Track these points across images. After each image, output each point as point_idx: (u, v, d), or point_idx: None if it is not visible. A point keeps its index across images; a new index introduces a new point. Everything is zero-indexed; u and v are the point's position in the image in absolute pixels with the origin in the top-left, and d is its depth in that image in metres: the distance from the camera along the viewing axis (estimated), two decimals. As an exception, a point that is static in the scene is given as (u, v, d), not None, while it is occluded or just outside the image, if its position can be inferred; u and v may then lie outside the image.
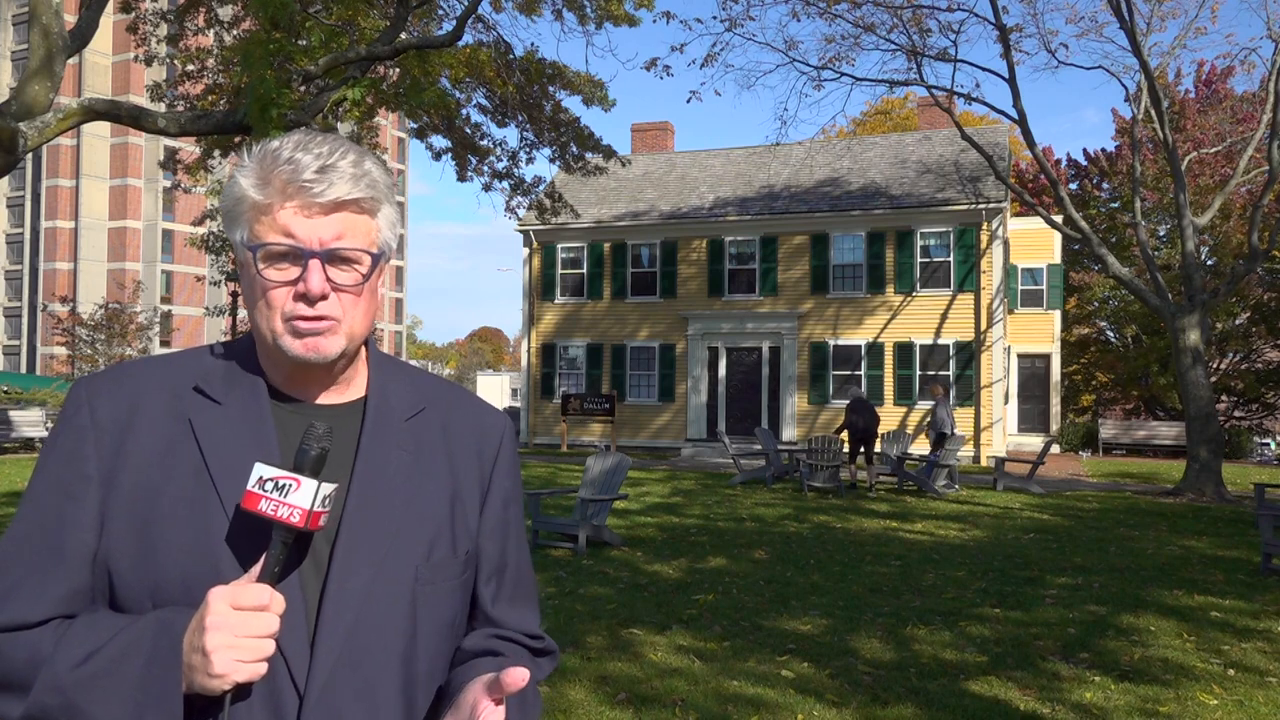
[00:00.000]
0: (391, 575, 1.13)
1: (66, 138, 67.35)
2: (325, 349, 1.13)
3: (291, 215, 1.11)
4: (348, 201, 1.12)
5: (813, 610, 7.20)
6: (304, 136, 1.14)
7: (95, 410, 1.15)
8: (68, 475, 1.12)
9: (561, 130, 17.12)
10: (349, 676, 1.10)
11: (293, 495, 1.05)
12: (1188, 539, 11.28)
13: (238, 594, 1.02)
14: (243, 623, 1.01)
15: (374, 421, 1.20)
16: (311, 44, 10.01)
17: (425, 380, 1.31)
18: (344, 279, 1.13)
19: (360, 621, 1.11)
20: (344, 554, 1.12)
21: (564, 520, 9.98)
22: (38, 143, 8.70)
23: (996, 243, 22.87)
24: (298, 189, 1.10)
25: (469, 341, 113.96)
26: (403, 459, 1.20)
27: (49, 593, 1.09)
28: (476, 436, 1.29)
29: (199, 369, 1.20)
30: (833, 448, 15.62)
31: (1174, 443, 25.43)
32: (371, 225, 1.16)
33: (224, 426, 1.15)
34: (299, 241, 1.11)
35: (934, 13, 18.85)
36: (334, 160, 1.12)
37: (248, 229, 1.13)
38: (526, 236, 26.71)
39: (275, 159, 1.12)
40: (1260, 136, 18.21)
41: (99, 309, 41.41)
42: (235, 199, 1.14)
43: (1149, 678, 5.62)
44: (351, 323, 1.15)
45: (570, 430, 25.56)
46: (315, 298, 1.11)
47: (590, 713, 4.80)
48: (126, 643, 1.04)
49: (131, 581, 1.10)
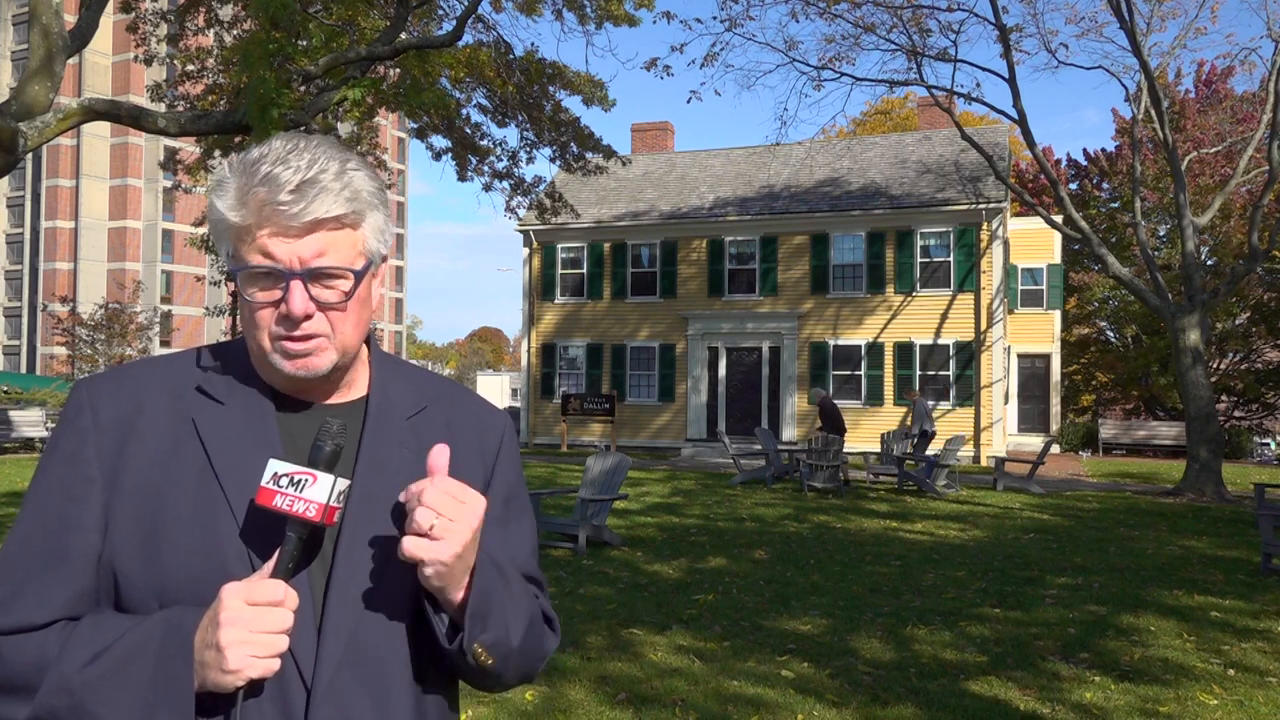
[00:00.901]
0: (396, 571, 1.14)
1: (66, 138, 67.35)
2: (315, 366, 1.14)
3: (270, 236, 1.10)
4: (326, 220, 1.10)
5: (813, 610, 7.20)
6: (284, 145, 1.12)
7: (97, 412, 1.15)
8: (70, 477, 1.12)
9: (561, 130, 17.12)
10: (356, 671, 1.11)
11: (309, 490, 1.06)
12: (1188, 539, 11.29)
13: (252, 589, 1.03)
14: (257, 618, 1.01)
15: (376, 420, 1.21)
16: (311, 44, 10.01)
17: (426, 379, 1.31)
18: (328, 296, 1.12)
19: (366, 617, 1.12)
20: (348, 550, 1.13)
21: (564, 520, 9.98)
22: (38, 143, 8.70)
23: (996, 243, 22.87)
24: (273, 210, 1.09)
25: (469, 341, 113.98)
26: (405, 457, 1.20)
27: (53, 595, 1.09)
28: (477, 434, 1.29)
29: (200, 369, 1.20)
30: (832, 448, 15.66)
31: (1174, 443, 25.43)
32: (356, 237, 1.14)
33: (227, 426, 1.15)
34: (279, 262, 1.09)
35: (934, 13, 18.86)
36: (313, 174, 1.09)
37: (230, 248, 1.13)
38: (526, 236, 26.71)
39: (252, 175, 1.10)
40: (1260, 136, 18.20)
41: (99, 309, 41.39)
42: (217, 220, 1.14)
43: (1149, 678, 5.63)
44: (342, 336, 1.14)
45: (570, 430, 25.56)
46: (298, 319, 1.10)
47: (590, 713, 4.80)
48: (135, 642, 1.04)
49: (137, 582, 1.10)
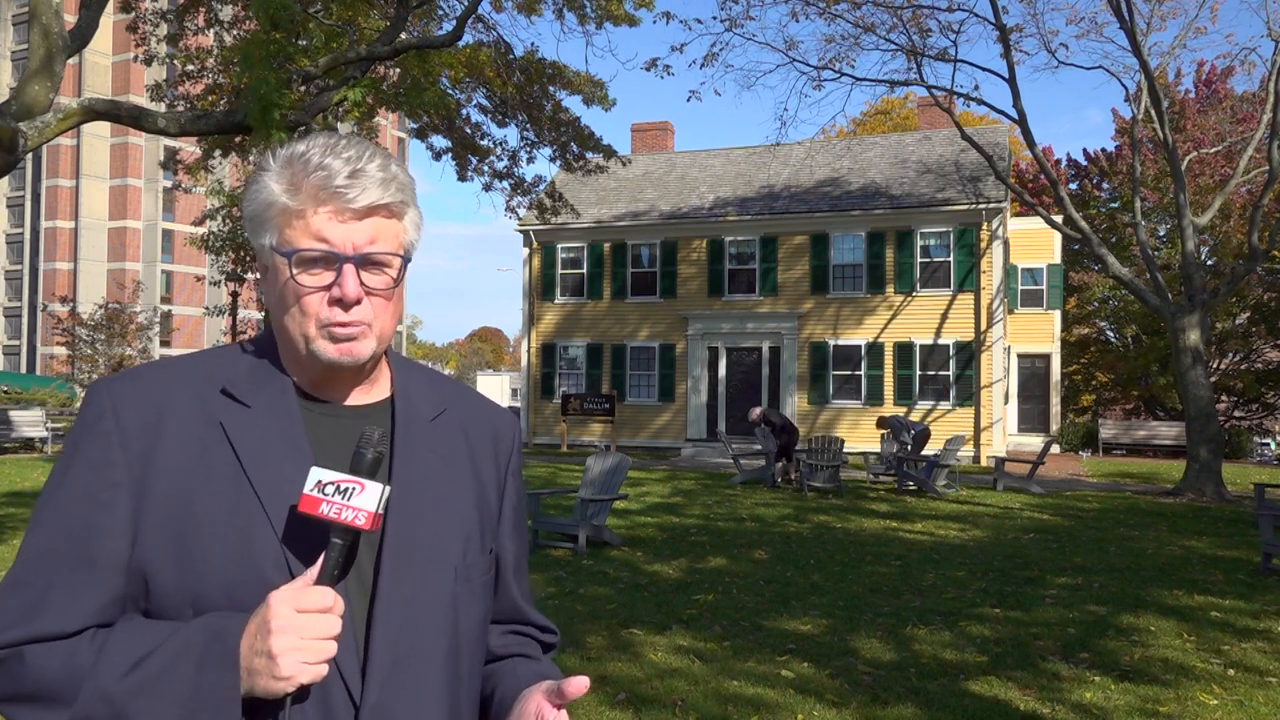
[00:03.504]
0: (434, 577, 1.15)
1: (66, 138, 67.35)
2: (359, 352, 1.14)
3: (325, 221, 1.11)
4: (379, 206, 1.13)
5: (813, 610, 7.20)
6: (329, 140, 1.15)
7: (120, 416, 1.12)
8: (95, 483, 1.10)
9: (561, 130, 17.11)
10: (400, 677, 1.12)
11: (356, 498, 1.07)
12: (1188, 539, 11.29)
13: (300, 597, 1.02)
14: (308, 625, 1.01)
15: (404, 424, 1.22)
16: (311, 44, 10.00)
17: (440, 380, 1.33)
18: (376, 282, 1.14)
19: (408, 623, 1.13)
20: (392, 557, 1.14)
21: (564, 520, 9.98)
22: (38, 143, 8.69)
23: (996, 243, 22.87)
24: (331, 194, 1.11)
25: (469, 341, 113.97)
26: (432, 460, 1.22)
27: (83, 602, 1.07)
28: (492, 438, 1.31)
29: (223, 371, 1.19)
30: (833, 448, 15.67)
31: (1174, 443, 25.43)
32: (399, 228, 1.17)
33: (256, 429, 1.14)
34: (334, 246, 1.11)
35: (934, 13, 18.87)
36: (363, 165, 1.12)
37: (277, 234, 1.14)
38: (526, 236, 26.70)
39: (306, 164, 1.12)
40: (1260, 136, 18.21)
41: (99, 309, 41.42)
42: (264, 204, 1.14)
43: (1149, 678, 5.63)
44: (382, 325, 1.16)
45: (570, 430, 25.56)
46: (351, 302, 1.12)
47: (590, 713, 4.80)
48: (176, 650, 1.03)
49: (171, 590, 1.08)
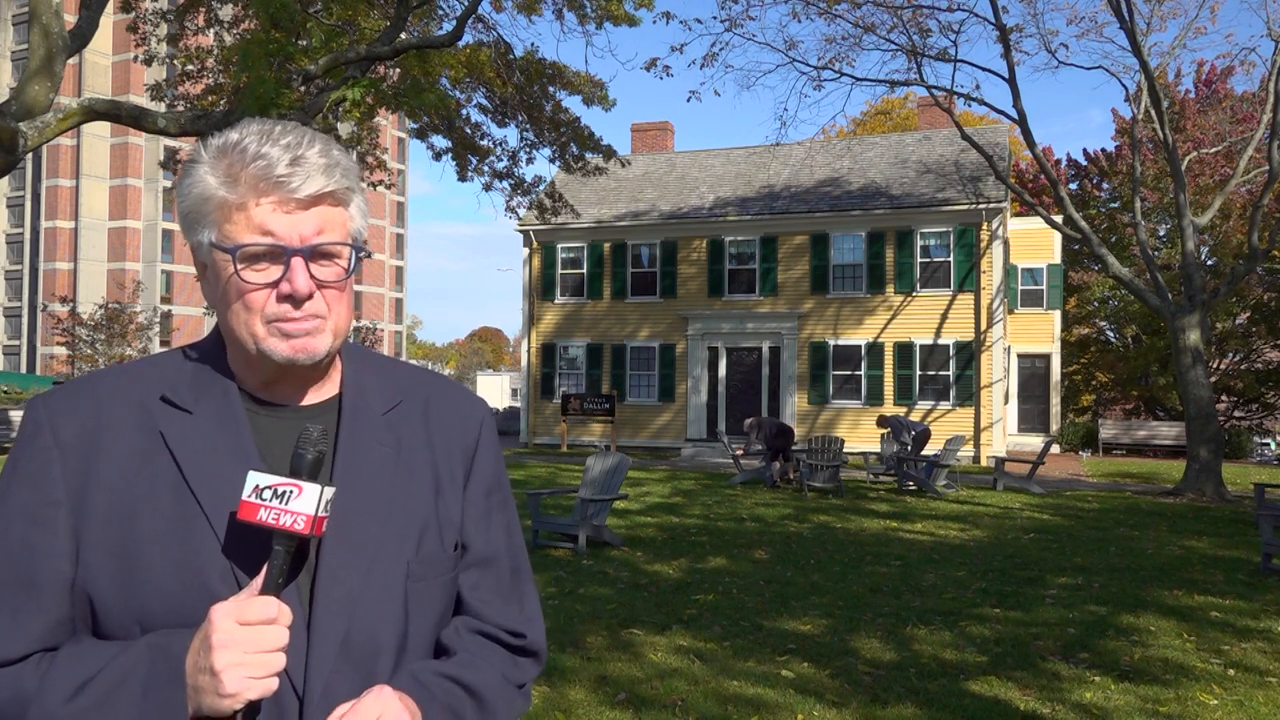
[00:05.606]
0: (381, 575, 1.11)
1: (66, 138, 67.35)
2: (314, 349, 1.09)
3: (269, 213, 1.06)
4: (324, 194, 1.08)
5: (813, 610, 7.19)
6: (264, 126, 1.09)
7: (57, 430, 1.08)
8: (34, 501, 1.06)
9: (561, 130, 17.13)
10: (347, 679, 1.08)
11: (295, 502, 1.02)
12: (1188, 539, 11.28)
13: (243, 609, 0.98)
14: (251, 638, 0.97)
15: (351, 419, 1.17)
16: (311, 44, 10.02)
17: (401, 370, 1.27)
18: (327, 274, 1.09)
19: (354, 623, 1.09)
20: (330, 557, 1.09)
21: (564, 520, 9.98)
22: (38, 143, 8.70)
23: (996, 243, 22.87)
24: (273, 184, 1.05)
25: (469, 341, 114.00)
26: (384, 455, 1.16)
27: (26, 627, 1.03)
28: (456, 425, 1.25)
29: (164, 378, 1.13)
30: (833, 448, 15.67)
31: (1174, 443, 25.43)
32: (346, 216, 1.12)
33: (198, 437, 1.09)
34: (279, 239, 1.06)
35: (934, 13, 18.86)
36: (304, 151, 1.07)
37: (216, 229, 1.07)
38: (526, 236, 26.70)
39: (242, 153, 1.06)
40: (1260, 136, 18.21)
41: (99, 309, 41.47)
42: (200, 198, 1.08)
43: (1149, 678, 5.62)
44: (337, 319, 1.11)
45: (570, 430, 25.56)
46: (303, 297, 1.07)
47: (590, 713, 4.80)
48: (120, 671, 1.00)
49: (115, 608, 1.04)
